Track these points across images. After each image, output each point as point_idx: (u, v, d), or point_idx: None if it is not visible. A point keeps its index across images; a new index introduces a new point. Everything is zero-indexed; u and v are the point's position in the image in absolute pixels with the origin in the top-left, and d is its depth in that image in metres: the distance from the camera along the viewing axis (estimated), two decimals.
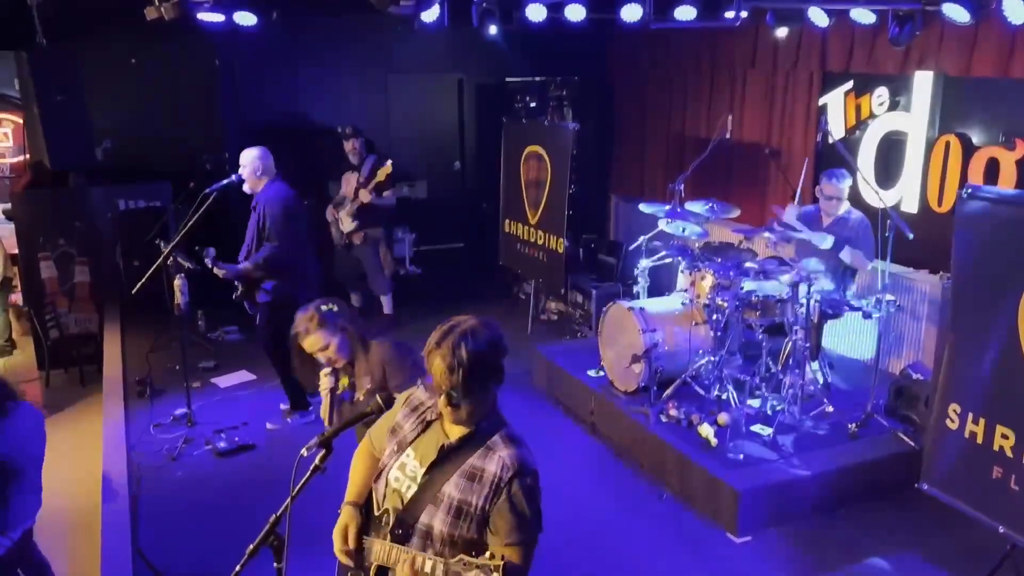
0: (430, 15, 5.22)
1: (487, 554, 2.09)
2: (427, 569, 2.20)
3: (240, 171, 5.45)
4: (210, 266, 5.31)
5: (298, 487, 2.26)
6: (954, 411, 4.01)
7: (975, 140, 5.47)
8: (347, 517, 2.49)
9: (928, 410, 4.57)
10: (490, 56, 8.89)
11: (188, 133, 8.15)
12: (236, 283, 5.55)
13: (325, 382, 3.18)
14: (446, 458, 2.29)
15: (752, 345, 5.59)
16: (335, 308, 3.21)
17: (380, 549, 2.36)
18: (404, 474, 2.35)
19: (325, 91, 8.62)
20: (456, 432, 2.31)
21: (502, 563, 2.04)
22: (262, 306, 5.57)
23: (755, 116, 7.25)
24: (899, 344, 6.13)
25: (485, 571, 2.05)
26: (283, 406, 5.95)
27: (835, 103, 6.48)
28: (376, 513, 2.42)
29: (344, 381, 3.29)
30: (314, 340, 3.13)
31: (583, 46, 8.35)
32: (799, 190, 6.22)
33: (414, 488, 2.31)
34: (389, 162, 7.20)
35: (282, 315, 5.58)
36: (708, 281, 5.42)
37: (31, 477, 3.07)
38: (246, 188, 5.52)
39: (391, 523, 2.33)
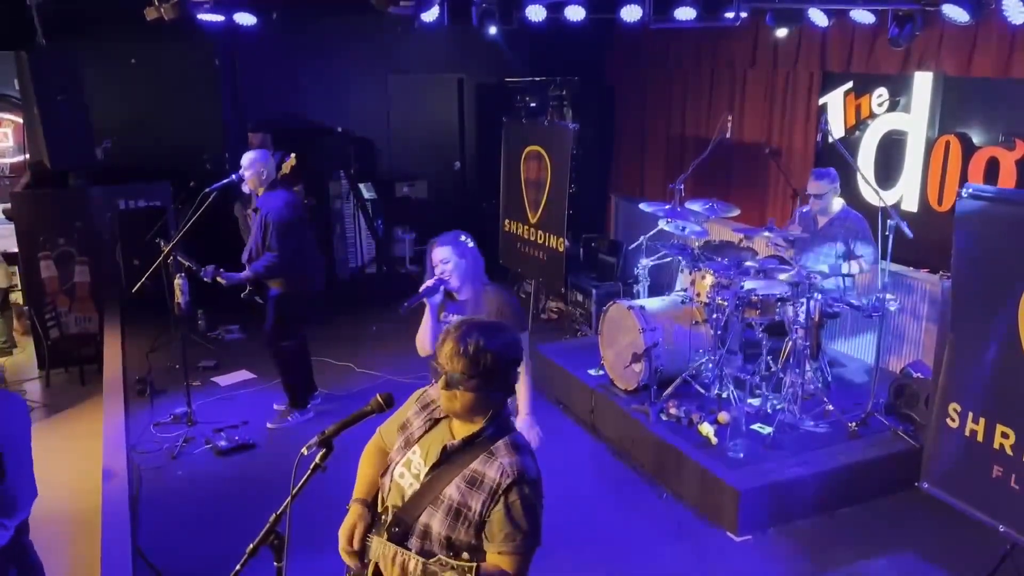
0: (430, 15, 5.22)
1: (464, 555, 2.10)
2: (410, 568, 2.22)
3: (242, 171, 5.46)
4: (210, 281, 5.41)
5: (298, 486, 2.26)
6: (954, 410, 4.01)
7: (975, 140, 5.47)
8: (355, 516, 2.47)
9: (928, 409, 4.57)
10: (490, 56, 8.89)
11: (188, 133, 8.15)
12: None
13: (430, 281, 3.79)
14: (449, 459, 2.28)
15: (752, 344, 5.59)
16: (470, 244, 3.82)
17: (378, 547, 2.36)
18: (409, 471, 2.35)
19: (325, 91, 8.62)
20: (461, 432, 2.31)
21: (475, 565, 2.06)
22: (271, 299, 5.60)
23: (755, 116, 7.25)
24: (899, 343, 6.13)
25: (460, 572, 2.06)
26: (277, 405, 5.96)
27: (835, 103, 6.48)
28: (379, 509, 2.43)
29: (441, 311, 3.85)
30: (440, 252, 3.78)
31: (583, 46, 8.34)
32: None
33: (416, 486, 2.31)
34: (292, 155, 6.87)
35: (290, 308, 5.61)
36: (708, 280, 5.42)
37: (21, 462, 3.05)
38: (246, 188, 5.55)
39: (389, 521, 2.34)
